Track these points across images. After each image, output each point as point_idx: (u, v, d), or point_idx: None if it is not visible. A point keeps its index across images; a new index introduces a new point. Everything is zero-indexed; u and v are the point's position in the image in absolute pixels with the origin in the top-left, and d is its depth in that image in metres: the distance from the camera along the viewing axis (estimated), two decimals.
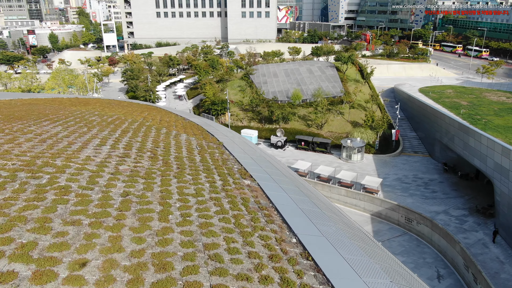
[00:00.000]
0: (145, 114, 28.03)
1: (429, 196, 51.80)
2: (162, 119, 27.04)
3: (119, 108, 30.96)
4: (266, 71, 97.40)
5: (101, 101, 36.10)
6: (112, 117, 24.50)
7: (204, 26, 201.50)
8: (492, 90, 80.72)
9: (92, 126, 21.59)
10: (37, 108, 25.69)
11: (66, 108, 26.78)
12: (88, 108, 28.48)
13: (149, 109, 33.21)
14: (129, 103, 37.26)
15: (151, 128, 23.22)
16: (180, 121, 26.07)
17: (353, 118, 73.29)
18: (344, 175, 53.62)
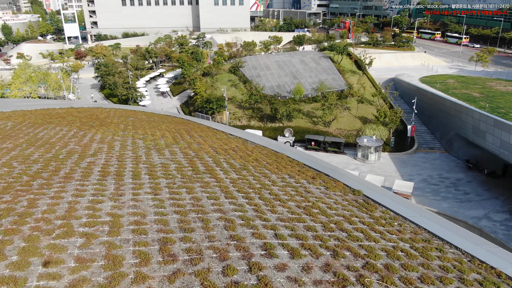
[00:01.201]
0: (199, 137, 21.30)
1: (463, 199, 48.14)
2: (230, 146, 20.44)
3: (149, 126, 24.00)
4: (256, 63, 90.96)
5: (111, 115, 28.78)
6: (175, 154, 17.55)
7: (174, 15, 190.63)
8: (493, 79, 78.75)
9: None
10: (34, 135, 18.60)
11: (79, 134, 19.68)
12: (112, 130, 21.44)
13: (185, 124, 26.34)
14: (151, 114, 30.10)
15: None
16: (247, 148, 19.64)
17: (361, 113, 68.74)
18: (371, 179, 48.79)
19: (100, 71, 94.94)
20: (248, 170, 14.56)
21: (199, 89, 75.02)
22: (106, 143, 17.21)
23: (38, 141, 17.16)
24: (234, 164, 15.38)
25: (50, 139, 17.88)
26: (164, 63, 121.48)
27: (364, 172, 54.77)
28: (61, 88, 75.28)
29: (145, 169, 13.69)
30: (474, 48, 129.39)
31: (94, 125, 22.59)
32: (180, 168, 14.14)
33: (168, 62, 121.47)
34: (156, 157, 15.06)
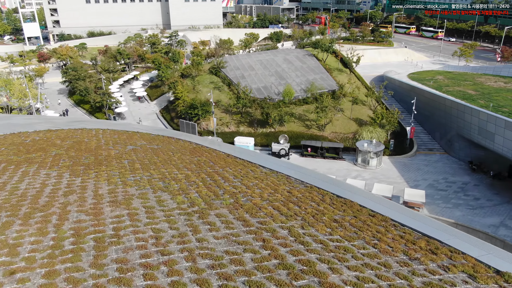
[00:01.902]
0: (233, 178, 16.67)
1: (475, 205, 45.80)
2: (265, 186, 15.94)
3: (160, 160, 19.24)
4: (238, 63, 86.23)
5: (103, 142, 23.78)
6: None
7: (143, 12, 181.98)
8: (481, 75, 77.80)
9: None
10: (11, 192, 13.63)
11: (76, 185, 14.85)
12: (117, 172, 16.62)
13: (199, 152, 21.61)
14: (148, 137, 25.05)
15: None
16: (305, 194, 15.19)
17: (355, 115, 65.61)
18: (380, 189, 45.60)
19: (68, 75, 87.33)
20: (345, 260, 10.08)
21: (181, 93, 69.56)
22: (123, 206, 12.33)
23: (20, 209, 12.07)
24: (323, 240, 10.95)
25: (38, 200, 12.82)
26: (137, 64, 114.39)
27: (367, 180, 51.62)
28: (26, 97, 67.77)
29: (213, 275, 8.83)
30: (450, 42, 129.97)
31: (89, 164, 17.53)
32: (261, 259, 9.53)
33: (141, 63, 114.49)
34: (211, 238, 10.38)
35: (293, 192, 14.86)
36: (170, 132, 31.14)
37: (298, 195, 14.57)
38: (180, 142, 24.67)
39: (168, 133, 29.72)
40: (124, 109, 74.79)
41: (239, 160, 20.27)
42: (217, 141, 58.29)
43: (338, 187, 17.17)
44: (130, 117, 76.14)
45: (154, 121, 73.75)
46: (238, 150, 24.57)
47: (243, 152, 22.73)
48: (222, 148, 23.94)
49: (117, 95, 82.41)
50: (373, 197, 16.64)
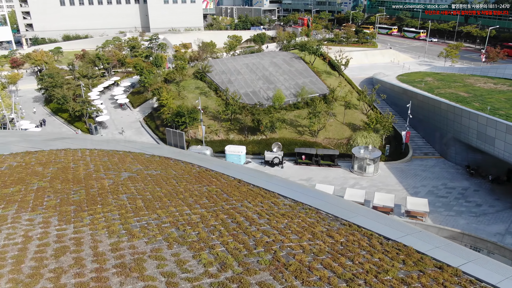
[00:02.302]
0: (257, 217, 14.14)
1: (478, 212, 44.58)
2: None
3: (164, 192, 16.56)
4: (224, 67, 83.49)
5: (92, 167, 20.93)
6: None
7: (121, 15, 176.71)
8: (470, 76, 77.50)
9: None
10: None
11: (69, 239, 12.13)
12: (120, 218, 13.90)
13: (206, 178, 18.98)
14: (142, 159, 22.18)
15: None
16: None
17: (348, 119, 63.87)
18: (382, 199, 43.79)
19: (44, 82, 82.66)
20: None
21: (166, 100, 66.32)
22: (135, 273, 9.59)
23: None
24: None
25: (20, 266, 9.98)
26: (117, 69, 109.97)
27: (366, 188, 49.84)
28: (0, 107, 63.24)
29: None
30: (433, 43, 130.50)
31: (81, 202, 14.65)
32: None
33: (121, 67, 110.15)
34: None
35: (333, 235, 12.44)
36: (165, 150, 28.21)
37: (341, 240, 12.15)
38: (180, 165, 21.88)
39: (164, 152, 26.82)
40: (105, 118, 70.94)
41: (254, 188, 17.71)
42: (208, 152, 55.65)
43: (378, 222, 14.85)
44: (112, 125, 72.36)
45: (138, 130, 70.26)
46: (248, 172, 22.00)
47: (254, 176, 20.16)
48: (230, 170, 21.31)
49: (97, 102, 78.36)
50: (428, 237, 14.35)
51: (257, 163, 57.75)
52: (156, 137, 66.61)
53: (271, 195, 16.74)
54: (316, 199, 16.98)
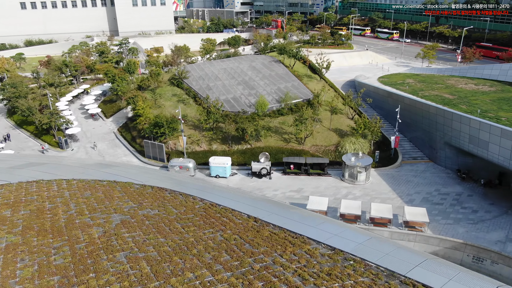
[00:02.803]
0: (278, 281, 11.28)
1: (475, 218, 43.45)
2: None
3: (171, 246, 13.42)
4: (201, 72, 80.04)
5: (74, 210, 17.53)
6: None
7: (87, 18, 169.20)
8: (449, 77, 77.46)
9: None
10: None
11: None
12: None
13: (209, 215, 16.00)
14: (129, 191, 18.85)
15: None
16: None
17: (334, 125, 61.95)
18: (379, 210, 41.84)
19: (6, 92, 76.48)
20: None
21: (143, 110, 62.28)
22: None
23: None
24: None
25: None
26: (85, 76, 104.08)
27: (359, 197, 47.91)
28: None
29: None
30: (407, 44, 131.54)
31: (67, 269, 11.31)
32: None
33: (90, 74, 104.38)
34: None
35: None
36: (154, 175, 24.80)
37: None
38: (178, 199, 18.70)
39: (153, 177, 23.48)
40: (76, 130, 65.98)
41: (276, 231, 14.83)
42: (191, 165, 52.24)
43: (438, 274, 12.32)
44: (84, 138, 67.45)
45: (112, 142, 65.73)
46: (259, 204, 19.02)
47: (268, 209, 17.22)
48: (239, 203, 18.32)
49: (66, 113, 73.13)
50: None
51: (243, 174, 54.79)
52: (133, 149, 62.40)
53: (300, 241, 13.90)
54: (352, 242, 14.27)
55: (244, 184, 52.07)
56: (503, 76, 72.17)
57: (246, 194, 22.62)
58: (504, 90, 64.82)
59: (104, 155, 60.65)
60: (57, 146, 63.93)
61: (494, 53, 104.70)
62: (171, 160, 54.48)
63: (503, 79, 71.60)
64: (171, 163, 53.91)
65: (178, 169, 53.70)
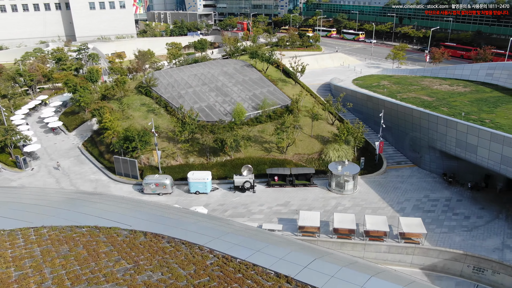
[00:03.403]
0: None
1: (469, 225, 42.46)
2: None
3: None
4: (170, 79, 75.69)
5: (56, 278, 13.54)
6: None
7: (41, 23, 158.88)
8: (422, 77, 77.72)
9: None
10: None
11: None
12: None
13: (236, 280, 12.64)
14: (122, 246, 15.17)
15: None
16: None
17: (315, 131, 59.74)
18: (374, 223, 39.78)
19: None
20: None
21: (111, 122, 57.35)
22: None
23: None
24: None
25: None
26: (42, 85, 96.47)
27: (349, 208, 45.85)
28: None
29: None
30: (373, 44, 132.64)
31: None
32: None
33: (47, 83, 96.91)
34: None
35: None
36: (142, 211, 20.98)
37: None
38: (183, 251, 15.23)
39: (142, 217, 19.77)
40: (36, 147, 59.84)
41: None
42: (167, 181, 48.22)
43: None
44: (45, 155, 61.40)
45: (77, 158, 60.19)
46: (283, 254, 15.76)
47: (301, 265, 14.07)
48: (260, 259, 15.09)
49: (23, 128, 66.52)
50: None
51: (224, 188, 51.32)
52: (101, 166, 57.29)
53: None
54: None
55: (227, 199, 48.66)
56: (474, 76, 73.06)
57: (260, 234, 19.18)
58: (478, 91, 65.26)
59: (70, 174, 55.17)
60: (15, 165, 57.63)
61: (459, 52, 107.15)
62: (146, 177, 50.11)
63: (475, 78, 72.48)
64: (146, 180, 49.57)
65: (154, 187, 49.47)
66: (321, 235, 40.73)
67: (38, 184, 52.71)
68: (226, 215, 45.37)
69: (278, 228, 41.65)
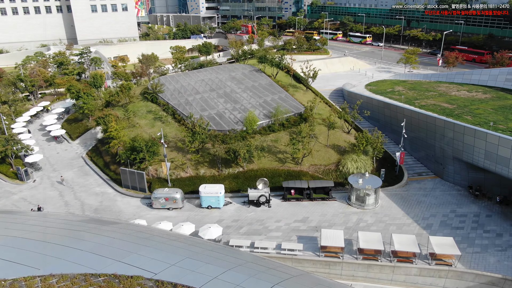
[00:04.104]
0: None
1: (502, 244, 39.68)
2: None
3: None
4: (177, 85, 72.97)
5: None
6: None
7: (41, 26, 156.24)
8: (438, 83, 74.91)
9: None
10: None
11: None
12: None
13: None
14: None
15: None
16: None
17: (331, 141, 56.95)
18: (402, 243, 36.94)
19: None
20: None
21: (117, 131, 54.59)
22: None
23: None
24: None
25: None
26: (43, 90, 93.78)
27: (372, 224, 43.03)
28: None
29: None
30: (380, 47, 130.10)
31: None
32: None
33: (49, 88, 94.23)
34: None
35: None
36: (170, 257, 18.04)
37: None
38: None
39: (172, 267, 16.89)
40: (38, 157, 57.04)
41: None
42: (178, 195, 45.44)
43: None
44: (47, 165, 58.64)
45: (81, 169, 57.41)
46: None
47: None
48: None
49: (25, 136, 63.77)
50: None
51: (238, 202, 48.52)
52: (107, 177, 54.51)
53: None
54: None
55: (242, 215, 45.85)
56: (493, 81, 70.26)
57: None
58: (500, 97, 62.50)
59: (74, 187, 52.37)
60: (15, 177, 54.85)
61: (471, 56, 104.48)
62: (155, 191, 47.30)
63: (493, 84, 69.69)
64: (155, 195, 46.78)
65: (163, 201, 46.70)
66: (345, 255, 37.92)
67: (40, 198, 49.93)
68: (241, 232, 42.59)
69: (298, 247, 38.85)
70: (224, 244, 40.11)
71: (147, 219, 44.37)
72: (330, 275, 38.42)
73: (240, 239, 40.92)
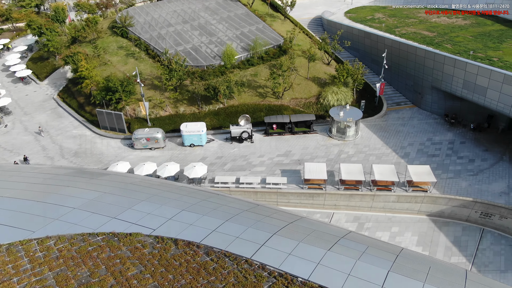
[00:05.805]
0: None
1: (474, 169, 41.96)
2: None
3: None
4: (147, 17, 68.52)
5: None
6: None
7: None
8: (416, 9, 72.73)
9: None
10: None
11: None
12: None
13: None
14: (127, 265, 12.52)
15: None
16: None
17: (311, 73, 56.13)
18: (382, 173, 38.50)
19: None
20: None
21: (88, 71, 51.85)
22: None
23: None
24: None
25: None
26: (0, 26, 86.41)
27: (353, 155, 44.36)
28: None
29: None
30: None
31: None
32: None
33: (5, 23, 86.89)
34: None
35: None
36: (166, 211, 18.02)
37: None
38: (227, 267, 12.86)
39: (170, 221, 17.00)
40: (6, 101, 54.18)
41: None
42: (159, 135, 44.87)
43: None
44: (18, 109, 56.07)
45: (54, 111, 55.29)
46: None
47: None
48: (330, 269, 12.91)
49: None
50: None
51: (220, 139, 48.54)
52: (83, 119, 52.86)
53: None
54: None
55: (225, 152, 46.14)
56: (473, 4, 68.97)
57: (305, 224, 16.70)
58: (479, 23, 61.87)
59: (49, 130, 50.75)
60: None
61: None
62: (135, 132, 46.49)
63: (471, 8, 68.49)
64: (136, 135, 46.06)
65: (145, 141, 46.19)
66: (327, 186, 39.41)
67: (16, 143, 48.38)
68: (225, 168, 43.18)
69: (283, 181, 39.96)
70: (209, 181, 40.88)
71: (129, 160, 44.19)
72: (313, 205, 40.25)
73: (225, 175, 41.62)
